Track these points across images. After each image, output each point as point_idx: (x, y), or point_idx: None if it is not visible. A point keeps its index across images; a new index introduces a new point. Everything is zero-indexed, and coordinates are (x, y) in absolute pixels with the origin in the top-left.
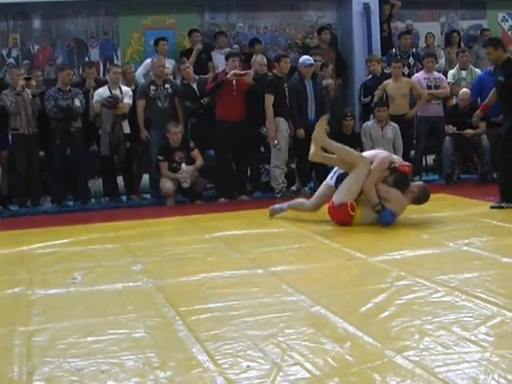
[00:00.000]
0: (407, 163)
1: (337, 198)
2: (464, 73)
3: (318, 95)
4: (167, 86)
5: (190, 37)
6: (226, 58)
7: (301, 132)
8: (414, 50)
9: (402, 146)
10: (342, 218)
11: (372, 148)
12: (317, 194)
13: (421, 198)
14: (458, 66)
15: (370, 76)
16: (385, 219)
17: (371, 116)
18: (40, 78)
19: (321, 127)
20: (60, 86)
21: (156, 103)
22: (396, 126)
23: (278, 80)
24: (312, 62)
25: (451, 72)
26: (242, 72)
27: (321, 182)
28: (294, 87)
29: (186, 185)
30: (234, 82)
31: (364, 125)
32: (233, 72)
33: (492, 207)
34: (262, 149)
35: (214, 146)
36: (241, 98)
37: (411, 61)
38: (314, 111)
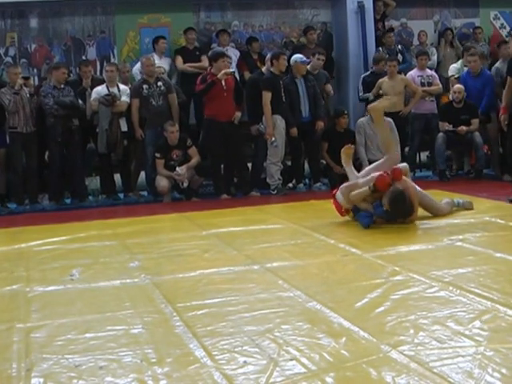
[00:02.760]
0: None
1: (339, 195)
2: (466, 69)
3: (311, 93)
4: (160, 83)
5: (186, 35)
6: (215, 59)
7: (294, 131)
8: (399, 47)
9: (398, 140)
10: (337, 210)
11: (366, 144)
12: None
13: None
14: (461, 61)
15: (369, 72)
16: (363, 220)
17: (365, 113)
18: None
19: (347, 155)
20: (55, 84)
21: (150, 101)
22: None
23: (275, 78)
24: (305, 60)
25: (455, 66)
26: (232, 70)
27: (316, 179)
28: (287, 86)
29: (184, 185)
30: (223, 81)
31: (358, 121)
32: (224, 71)
33: None
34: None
35: None
36: (230, 98)
37: (399, 57)
38: (308, 109)
